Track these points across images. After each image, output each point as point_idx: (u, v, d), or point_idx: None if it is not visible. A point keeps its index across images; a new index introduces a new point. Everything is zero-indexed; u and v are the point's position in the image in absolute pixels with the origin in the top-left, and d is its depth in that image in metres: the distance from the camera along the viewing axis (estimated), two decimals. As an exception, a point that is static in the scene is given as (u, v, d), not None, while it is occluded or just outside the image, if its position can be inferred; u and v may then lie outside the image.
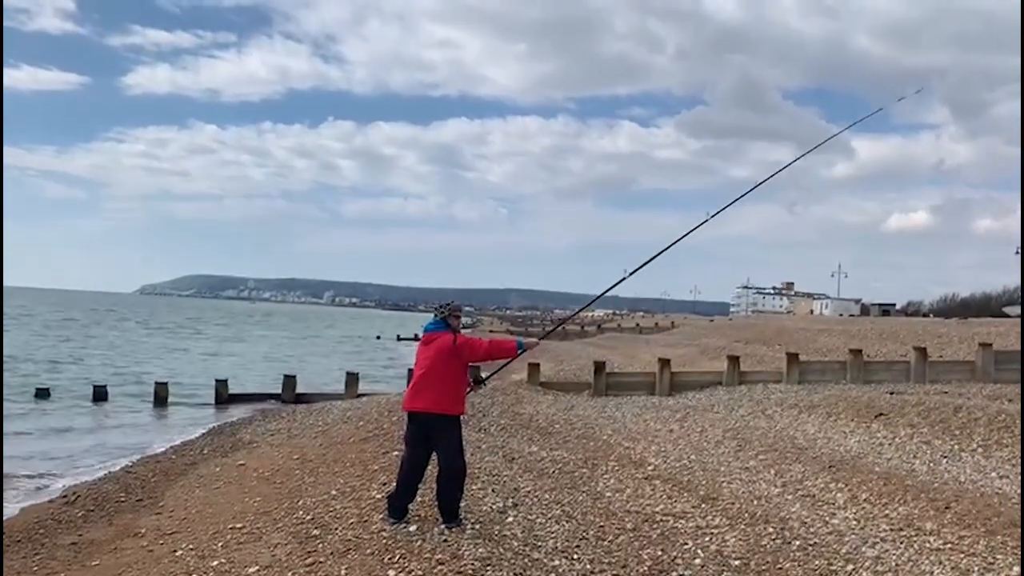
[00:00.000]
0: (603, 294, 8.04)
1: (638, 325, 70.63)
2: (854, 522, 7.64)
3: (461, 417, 6.79)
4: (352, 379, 21.46)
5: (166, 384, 21.78)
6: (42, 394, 21.23)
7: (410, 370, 10.22)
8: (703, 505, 8.31)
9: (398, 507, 6.72)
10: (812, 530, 7.34)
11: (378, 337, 69.33)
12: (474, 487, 8.06)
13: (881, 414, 13.71)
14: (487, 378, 8.50)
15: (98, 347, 41.83)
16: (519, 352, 6.93)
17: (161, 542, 7.38)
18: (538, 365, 20.66)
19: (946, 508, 7.93)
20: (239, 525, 7.30)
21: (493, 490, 8.14)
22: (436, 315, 6.88)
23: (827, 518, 7.80)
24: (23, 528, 8.77)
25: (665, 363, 19.72)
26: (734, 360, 20.20)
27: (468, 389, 6.90)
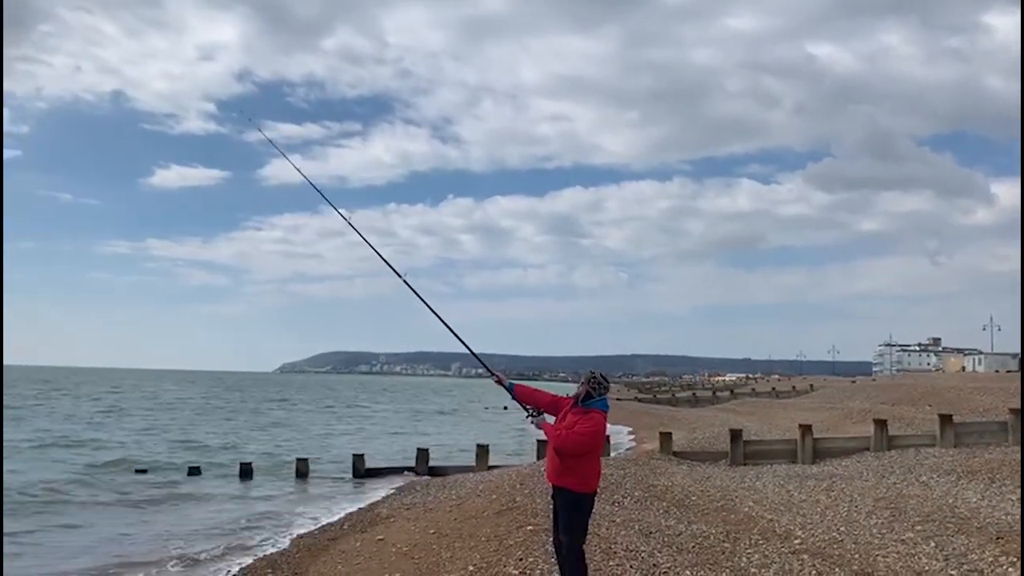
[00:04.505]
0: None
1: (774, 389, 68.07)
2: (1032, 601, 6.98)
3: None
4: (483, 451, 21.56)
5: (307, 460, 22.59)
6: (194, 471, 22.45)
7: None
8: (857, 582, 7.81)
9: None
10: (984, 610, 6.76)
11: (505, 408, 69.64)
12: (611, 563, 7.89)
13: (1053, 480, 12.57)
14: None
15: (241, 426, 43.92)
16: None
17: (308, 618, 7.57)
18: (670, 434, 20.19)
19: None
20: (381, 601, 7.41)
21: (632, 566, 7.94)
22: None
23: (1000, 597, 7.17)
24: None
25: (806, 429, 18.85)
26: (881, 423, 19.10)
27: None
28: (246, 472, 22.06)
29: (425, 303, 7.80)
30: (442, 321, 7.66)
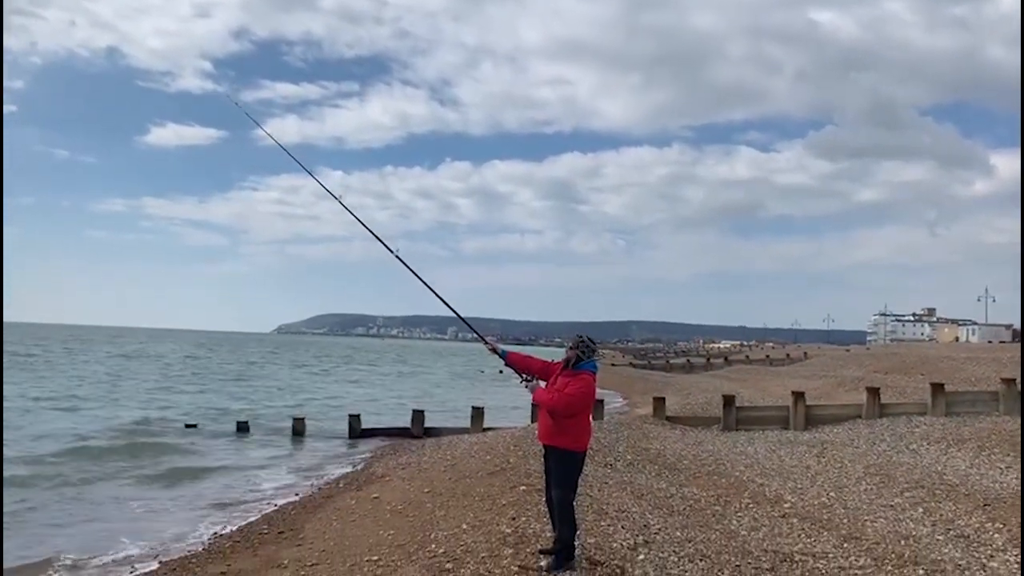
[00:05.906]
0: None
1: (768, 356, 68.31)
2: (1015, 566, 7.09)
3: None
4: (478, 413, 21.72)
5: (303, 419, 22.75)
6: (190, 427, 22.68)
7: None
8: (845, 545, 7.93)
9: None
10: (968, 574, 6.87)
11: (500, 371, 69.98)
12: (603, 523, 8.00)
13: (1042, 449, 12.70)
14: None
15: (239, 387, 44.13)
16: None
17: (303, 573, 7.68)
18: (663, 399, 20.32)
19: (1123, 553, 7.25)
20: (375, 558, 7.51)
21: (623, 527, 8.04)
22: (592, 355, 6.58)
23: (984, 560, 7.28)
24: (179, 557, 9.35)
25: (799, 396, 18.99)
26: (874, 392, 19.22)
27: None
28: (242, 430, 22.25)
29: (417, 276, 7.72)
30: (436, 295, 7.62)
